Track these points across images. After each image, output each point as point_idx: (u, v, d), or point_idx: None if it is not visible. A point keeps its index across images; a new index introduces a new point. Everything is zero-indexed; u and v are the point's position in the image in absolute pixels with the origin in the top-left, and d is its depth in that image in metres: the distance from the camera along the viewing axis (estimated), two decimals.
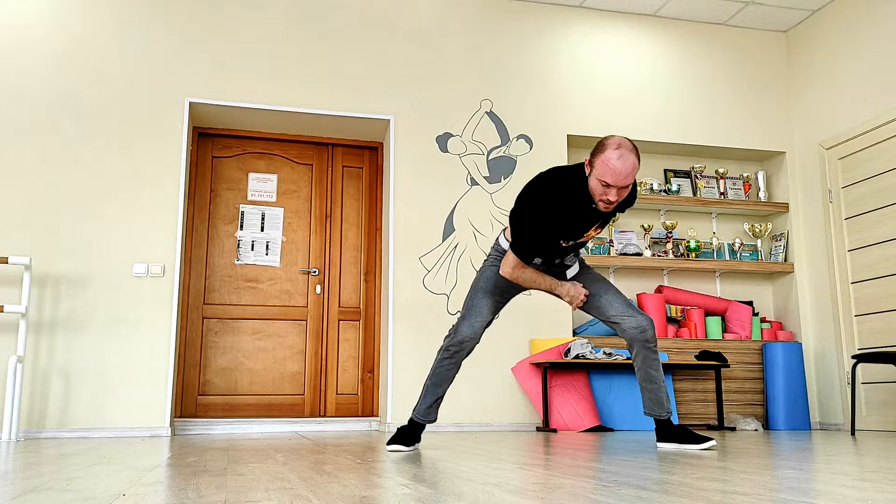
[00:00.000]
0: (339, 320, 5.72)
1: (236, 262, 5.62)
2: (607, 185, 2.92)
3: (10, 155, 4.90)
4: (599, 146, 2.97)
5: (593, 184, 2.98)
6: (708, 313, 6.12)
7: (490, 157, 5.71)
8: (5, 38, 5.03)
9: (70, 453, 3.09)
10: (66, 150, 4.99)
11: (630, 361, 5.29)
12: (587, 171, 3.02)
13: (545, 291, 3.31)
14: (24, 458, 2.83)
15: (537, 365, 5.34)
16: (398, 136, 5.58)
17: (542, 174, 3.13)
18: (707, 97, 6.26)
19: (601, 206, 3.00)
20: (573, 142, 6.02)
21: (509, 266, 3.20)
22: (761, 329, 6.04)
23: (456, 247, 5.52)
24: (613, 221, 6.08)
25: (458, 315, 3.60)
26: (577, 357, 5.23)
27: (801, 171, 6.24)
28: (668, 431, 3.33)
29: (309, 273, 5.72)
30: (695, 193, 6.29)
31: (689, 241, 6.08)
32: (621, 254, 5.95)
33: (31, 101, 4.99)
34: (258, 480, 1.96)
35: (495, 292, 3.35)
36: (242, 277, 5.60)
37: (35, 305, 4.76)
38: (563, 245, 3.20)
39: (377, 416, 5.60)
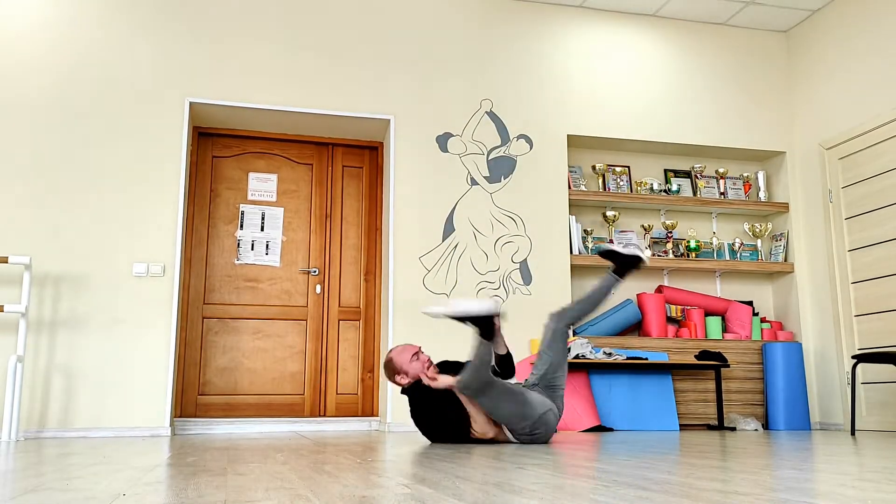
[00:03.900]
0: (339, 320, 5.72)
1: (236, 262, 5.62)
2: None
3: (10, 155, 4.90)
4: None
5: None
6: (708, 313, 6.12)
7: (490, 157, 5.71)
8: (4, 38, 5.03)
9: (70, 453, 3.09)
10: (66, 149, 4.99)
11: (630, 361, 5.28)
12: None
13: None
14: (24, 458, 2.83)
15: None
16: (398, 136, 5.58)
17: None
18: (707, 97, 6.26)
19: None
20: (573, 141, 6.02)
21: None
22: (761, 329, 6.04)
23: (456, 247, 5.52)
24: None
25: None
26: (577, 357, 5.23)
27: (802, 171, 6.24)
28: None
29: (309, 273, 5.72)
30: (695, 193, 6.29)
31: (689, 241, 6.08)
32: None
33: (30, 100, 4.99)
34: (258, 480, 1.96)
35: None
36: (242, 277, 5.60)
37: (35, 305, 4.76)
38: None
39: (377, 415, 5.60)
